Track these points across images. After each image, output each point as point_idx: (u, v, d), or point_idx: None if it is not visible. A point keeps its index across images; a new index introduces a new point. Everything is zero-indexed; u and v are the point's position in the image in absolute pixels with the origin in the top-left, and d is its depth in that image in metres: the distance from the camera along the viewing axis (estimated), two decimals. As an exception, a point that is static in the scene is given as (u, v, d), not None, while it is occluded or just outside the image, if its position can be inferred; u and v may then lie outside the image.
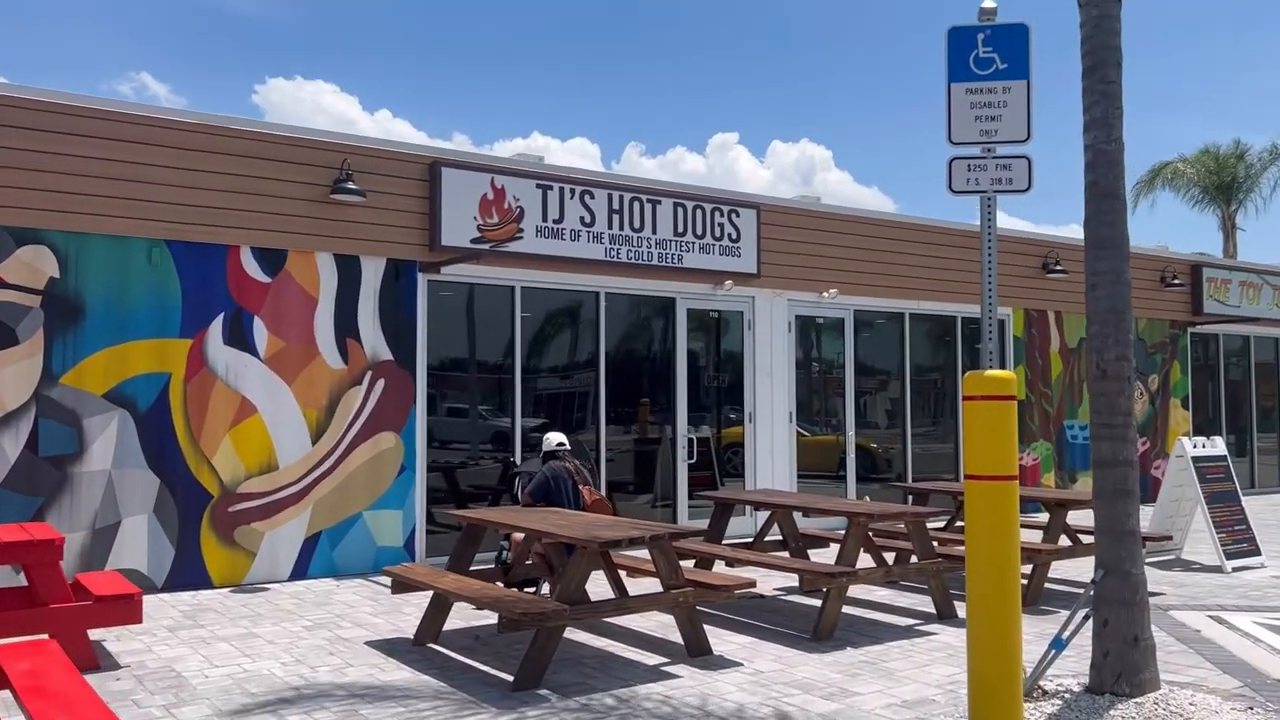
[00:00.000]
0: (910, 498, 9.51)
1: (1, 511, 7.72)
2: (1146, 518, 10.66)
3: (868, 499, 12.27)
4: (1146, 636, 5.16)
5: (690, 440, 11.34)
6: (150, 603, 7.88)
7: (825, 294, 12.33)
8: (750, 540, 8.84)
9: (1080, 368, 14.98)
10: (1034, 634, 6.78)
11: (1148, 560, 9.78)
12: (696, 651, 6.27)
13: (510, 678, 5.76)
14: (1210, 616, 7.39)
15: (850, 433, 12.71)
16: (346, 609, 7.73)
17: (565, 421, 10.56)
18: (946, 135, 4.74)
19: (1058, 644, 5.29)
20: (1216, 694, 5.26)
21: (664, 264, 10.95)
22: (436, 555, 9.47)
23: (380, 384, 9.41)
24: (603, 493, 10.63)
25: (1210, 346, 16.92)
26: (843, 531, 7.33)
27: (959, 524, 9.46)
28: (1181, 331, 16.33)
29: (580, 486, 7.48)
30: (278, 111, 59.91)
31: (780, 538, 8.64)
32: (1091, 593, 5.23)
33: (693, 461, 11.35)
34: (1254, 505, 11.87)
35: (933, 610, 7.55)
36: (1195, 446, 9.74)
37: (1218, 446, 9.91)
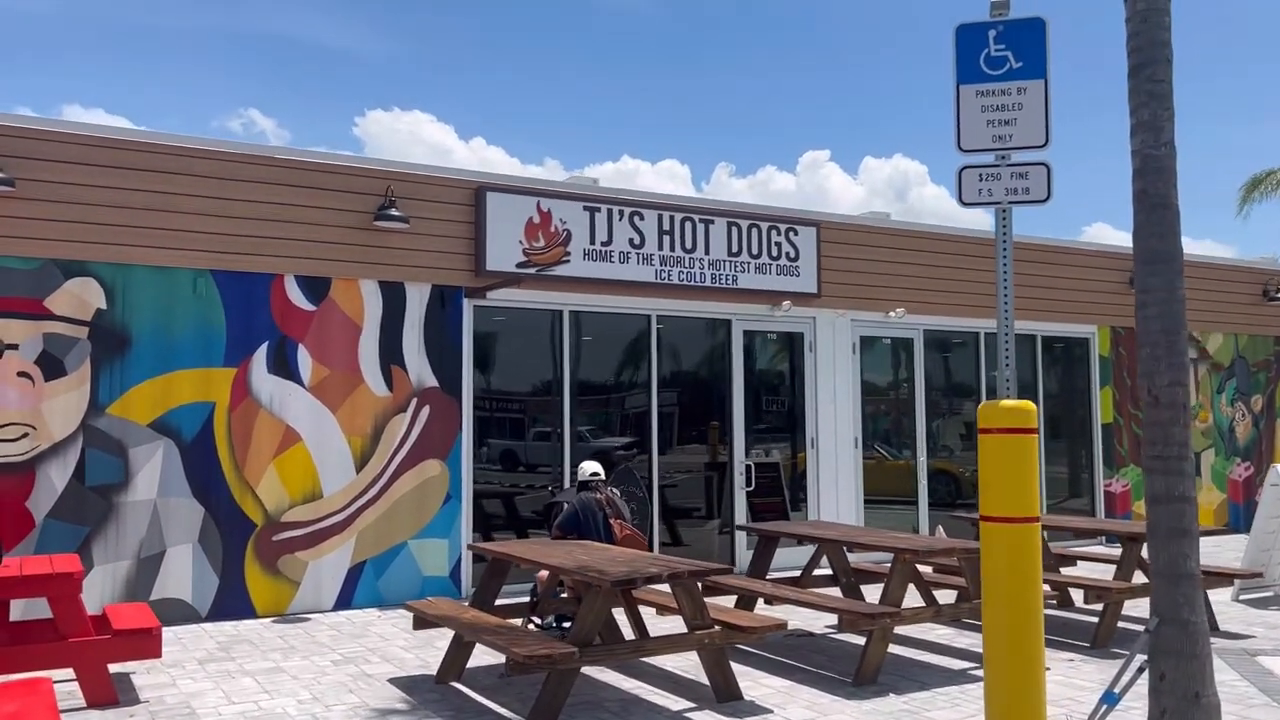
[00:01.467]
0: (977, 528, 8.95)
1: (48, 541, 7.82)
2: (1242, 550, 9.89)
3: (941, 528, 11.70)
4: (1209, 692, 4.63)
5: (749, 467, 10.98)
6: (191, 633, 7.89)
7: (892, 313, 11.84)
8: (799, 574, 8.43)
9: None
10: (1099, 681, 6.25)
11: (1241, 598, 9.05)
12: (725, 696, 5.92)
13: (524, 721, 5.51)
14: (1303, 664, 6.71)
15: (921, 457, 12.16)
16: (381, 642, 7.59)
17: (616, 449, 10.31)
18: (955, 142, 4.35)
19: (1109, 698, 4.80)
20: (1295, 758, 4.70)
21: (718, 285, 10.65)
22: (483, 585, 9.29)
23: (425, 411, 9.32)
24: (655, 521, 10.36)
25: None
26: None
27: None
28: (1288, 348, 15.26)
29: (611, 520, 7.21)
30: (376, 143, 61.54)
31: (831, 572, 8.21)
32: (1147, 642, 4.72)
33: (751, 489, 10.98)
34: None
35: (991, 652, 7.03)
36: (1292, 474, 8.96)
37: (1319, 473, 9.09)
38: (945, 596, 8.27)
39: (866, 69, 65.32)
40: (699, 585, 5.90)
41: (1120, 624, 7.61)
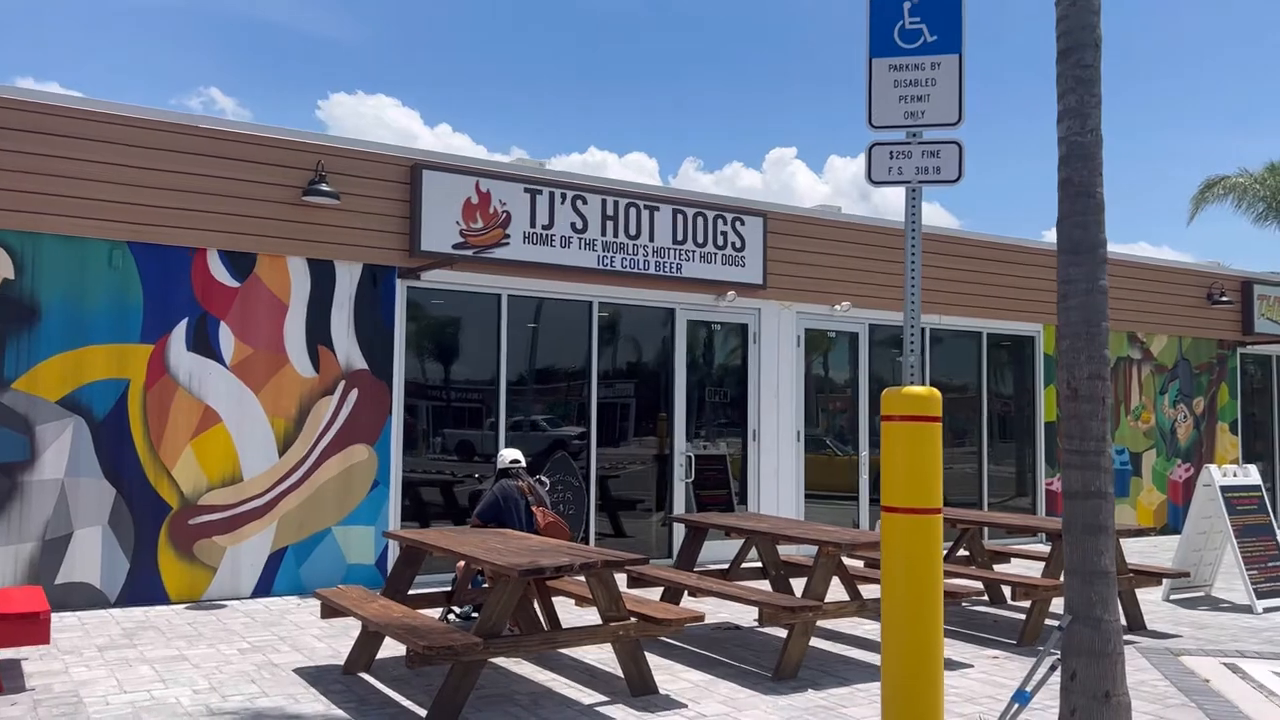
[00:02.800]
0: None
1: (-53, 520, 7.49)
2: (1173, 550, 9.90)
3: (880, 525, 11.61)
4: (1120, 691, 4.53)
5: (689, 458, 10.82)
6: (97, 618, 7.60)
7: (837, 306, 11.74)
8: (727, 568, 8.29)
9: (1119, 387, 14.15)
10: (1021, 680, 6.15)
11: (1171, 598, 9.05)
12: (640, 690, 5.76)
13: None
14: (1225, 664, 6.67)
15: (864, 452, 12.08)
16: (294, 630, 7.35)
17: (555, 438, 10.12)
18: (867, 118, 4.19)
19: (1020, 697, 4.70)
20: (1206, 760, 4.61)
21: (662, 273, 10.47)
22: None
23: (354, 394, 9.06)
24: (593, 511, 10.17)
25: (1264, 368, 15.92)
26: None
27: (961, 553, 8.81)
28: (1230, 352, 15.38)
29: (534, 508, 7.01)
30: (340, 125, 60.83)
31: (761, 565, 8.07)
32: (1059, 639, 4.62)
33: (692, 480, 10.82)
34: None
35: (916, 649, 6.93)
36: (1225, 475, 8.97)
37: (1250, 475, 9.12)
38: (876, 592, 8.16)
39: (834, 68, 65.48)
40: (614, 576, 5.73)
41: (1048, 621, 7.55)
